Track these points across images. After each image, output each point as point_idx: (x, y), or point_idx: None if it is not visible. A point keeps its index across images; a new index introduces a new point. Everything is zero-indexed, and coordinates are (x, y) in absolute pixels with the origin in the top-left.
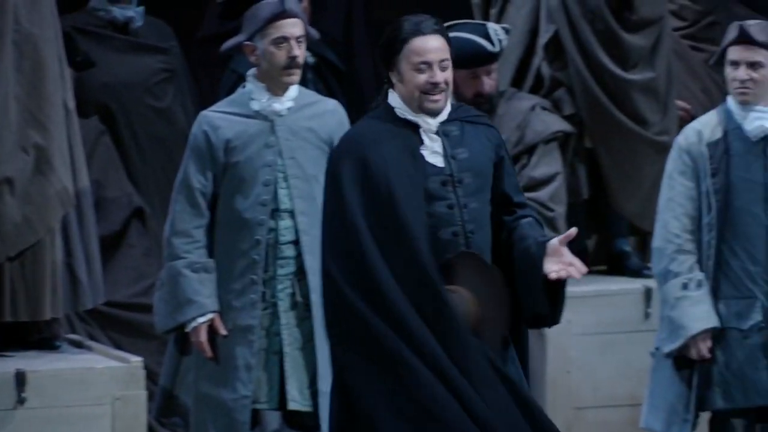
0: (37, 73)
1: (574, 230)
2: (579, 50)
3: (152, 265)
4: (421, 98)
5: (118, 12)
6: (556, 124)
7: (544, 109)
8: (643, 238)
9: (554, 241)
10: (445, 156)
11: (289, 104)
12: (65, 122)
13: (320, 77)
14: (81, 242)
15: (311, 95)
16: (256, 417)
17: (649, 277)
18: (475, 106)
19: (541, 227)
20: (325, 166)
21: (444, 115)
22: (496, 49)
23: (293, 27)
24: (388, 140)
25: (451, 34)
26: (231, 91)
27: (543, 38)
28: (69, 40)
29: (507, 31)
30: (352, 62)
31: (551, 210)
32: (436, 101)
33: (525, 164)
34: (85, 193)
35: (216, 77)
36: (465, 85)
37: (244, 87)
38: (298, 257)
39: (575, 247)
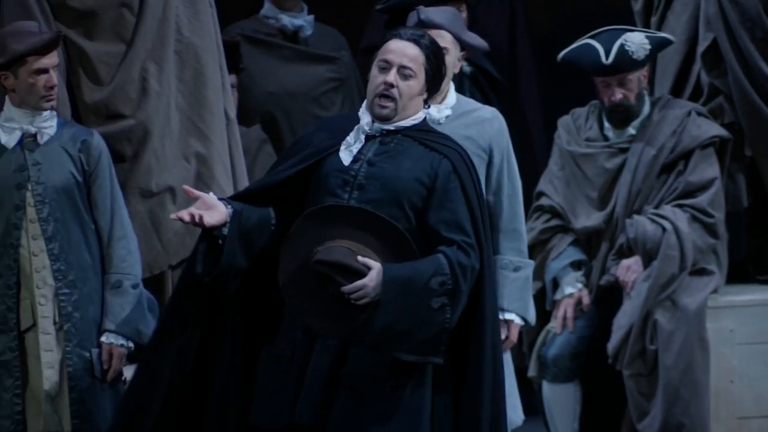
0: (198, 83)
1: None
2: (738, 58)
3: None
4: (373, 101)
5: (288, 20)
6: (712, 129)
7: (700, 114)
8: None
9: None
10: (359, 158)
11: (447, 112)
12: (226, 131)
13: (477, 86)
14: None
15: (470, 103)
16: None
17: None
18: (610, 113)
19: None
20: (484, 174)
21: (396, 125)
22: (609, 62)
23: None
24: (338, 128)
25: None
26: None
27: (701, 46)
28: (233, 48)
29: (664, 42)
30: (515, 73)
31: (711, 216)
32: (382, 107)
33: (681, 170)
34: None
35: None
36: (600, 91)
37: None
38: None
39: (736, 256)
